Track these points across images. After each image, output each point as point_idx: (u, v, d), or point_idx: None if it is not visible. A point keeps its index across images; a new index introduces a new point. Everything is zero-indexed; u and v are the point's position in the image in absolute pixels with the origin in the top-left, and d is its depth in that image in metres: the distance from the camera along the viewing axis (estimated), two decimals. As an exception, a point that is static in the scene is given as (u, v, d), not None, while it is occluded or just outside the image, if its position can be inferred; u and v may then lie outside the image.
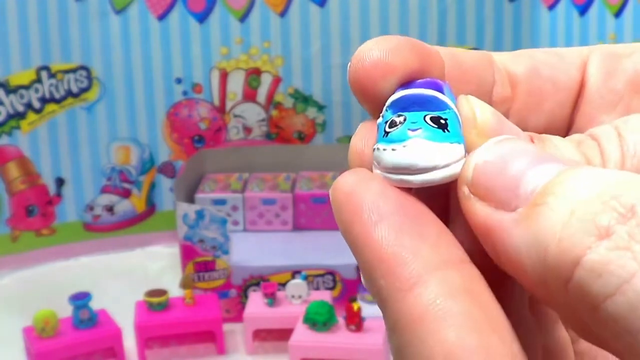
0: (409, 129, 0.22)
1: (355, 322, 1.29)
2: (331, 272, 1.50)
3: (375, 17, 1.70)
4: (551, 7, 1.71)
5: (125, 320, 1.36)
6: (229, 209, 1.65)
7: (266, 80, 1.73)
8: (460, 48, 0.27)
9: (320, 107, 1.74)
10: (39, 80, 1.63)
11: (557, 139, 0.24)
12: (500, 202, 0.21)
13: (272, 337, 1.41)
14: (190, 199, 1.63)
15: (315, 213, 1.66)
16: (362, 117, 1.74)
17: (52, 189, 1.69)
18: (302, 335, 1.30)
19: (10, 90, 1.61)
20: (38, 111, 1.64)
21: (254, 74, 1.73)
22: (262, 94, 1.74)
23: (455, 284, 0.21)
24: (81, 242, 1.71)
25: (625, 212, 0.19)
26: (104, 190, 1.73)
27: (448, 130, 0.22)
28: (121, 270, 1.65)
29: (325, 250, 1.56)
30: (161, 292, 1.39)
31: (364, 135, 0.25)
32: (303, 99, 1.74)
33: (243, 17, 1.69)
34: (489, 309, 0.21)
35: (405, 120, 0.22)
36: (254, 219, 1.66)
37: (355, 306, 1.29)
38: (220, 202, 1.65)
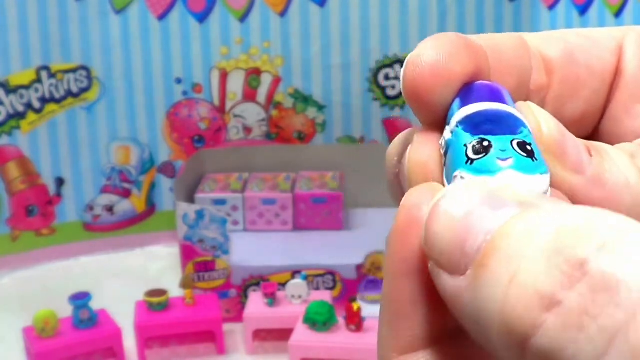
0: (498, 158, 0.20)
1: (355, 322, 1.29)
2: (331, 272, 1.50)
3: (375, 17, 1.70)
4: (551, 7, 1.71)
5: (125, 320, 1.36)
6: (229, 209, 1.65)
7: (266, 80, 1.73)
8: (494, 34, 0.25)
9: (320, 107, 1.74)
10: (39, 80, 1.63)
11: (612, 150, 0.22)
12: (449, 264, 0.18)
13: (272, 337, 1.41)
14: (190, 199, 1.63)
15: (315, 213, 1.66)
16: (362, 117, 1.74)
17: (52, 189, 1.69)
18: (302, 335, 1.30)
19: (10, 90, 1.61)
20: (38, 111, 1.64)
21: (254, 74, 1.73)
22: (262, 94, 1.74)
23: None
24: (81, 242, 1.71)
25: (572, 272, 0.16)
26: (104, 190, 1.73)
27: (536, 159, 0.20)
28: (121, 270, 1.65)
29: (325, 250, 1.56)
30: (161, 292, 1.39)
31: (425, 147, 0.22)
32: (303, 99, 1.74)
33: (243, 17, 1.69)
34: None
35: (491, 146, 0.20)
36: (254, 219, 1.66)
37: (355, 306, 1.29)
38: (220, 202, 1.65)
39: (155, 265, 1.66)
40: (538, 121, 0.21)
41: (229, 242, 1.47)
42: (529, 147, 0.20)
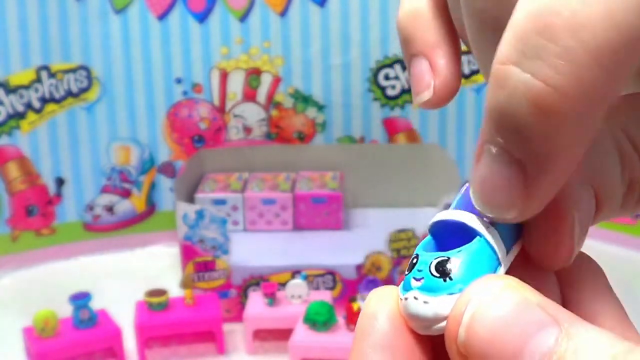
0: (413, 278, 0.22)
1: (355, 322, 1.28)
2: (331, 272, 1.50)
3: (375, 17, 1.70)
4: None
5: (125, 320, 1.36)
6: (229, 209, 1.65)
7: (266, 80, 1.73)
8: None
9: (320, 107, 1.74)
10: (39, 80, 1.63)
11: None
12: None
13: (272, 337, 1.41)
14: (190, 199, 1.63)
15: (315, 213, 1.66)
16: (362, 117, 1.74)
17: (52, 189, 1.69)
18: (302, 335, 1.30)
19: (10, 90, 1.61)
20: (38, 111, 1.64)
21: (254, 74, 1.73)
22: (262, 94, 1.74)
23: None
24: (81, 242, 1.71)
25: None
26: (104, 190, 1.73)
27: (450, 278, 0.22)
28: (121, 270, 1.65)
29: (325, 250, 1.56)
30: (161, 292, 1.39)
31: None
32: (303, 99, 1.74)
33: (243, 17, 1.70)
34: None
35: (416, 263, 0.22)
36: (254, 219, 1.66)
37: (355, 306, 1.29)
38: (220, 202, 1.65)
39: (155, 265, 1.66)
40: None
41: (229, 242, 1.47)
42: (447, 267, 0.22)
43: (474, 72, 1.73)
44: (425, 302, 0.21)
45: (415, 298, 0.22)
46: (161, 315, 1.37)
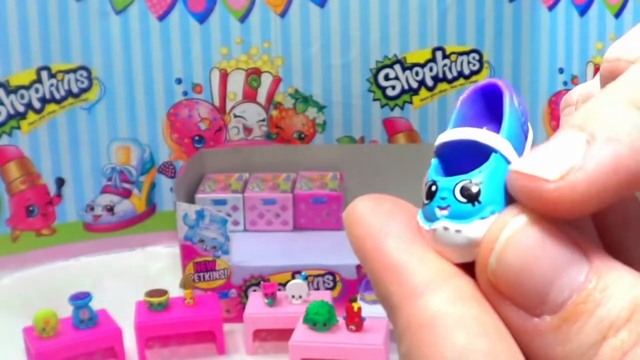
0: (437, 207, 0.21)
1: (355, 322, 1.29)
2: (331, 272, 1.50)
3: (375, 17, 1.70)
4: (551, 7, 1.71)
5: (125, 320, 1.36)
6: (229, 209, 1.65)
7: (266, 80, 1.73)
8: None
9: (320, 107, 1.74)
10: (39, 80, 1.63)
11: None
12: (524, 304, 0.20)
13: (272, 337, 1.41)
14: (191, 199, 1.63)
15: (315, 213, 1.66)
16: (362, 117, 1.74)
17: (52, 189, 1.69)
18: (302, 335, 1.30)
19: (10, 90, 1.61)
20: (38, 111, 1.64)
21: (254, 74, 1.73)
22: (262, 94, 1.74)
23: (465, 291, 0.21)
24: (81, 242, 1.71)
25: None
26: (104, 190, 1.73)
27: (479, 202, 0.20)
28: (121, 270, 1.65)
29: (325, 250, 1.56)
30: (161, 292, 1.39)
31: None
32: (303, 99, 1.74)
33: (243, 17, 1.70)
34: (497, 317, 0.21)
35: (436, 191, 0.21)
36: (254, 219, 1.66)
37: (355, 306, 1.29)
38: (221, 202, 1.65)
39: (155, 265, 1.66)
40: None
41: (229, 242, 1.47)
42: (474, 189, 0.20)
43: (474, 73, 1.73)
44: (457, 231, 0.20)
45: (446, 228, 0.21)
46: (161, 315, 1.37)
